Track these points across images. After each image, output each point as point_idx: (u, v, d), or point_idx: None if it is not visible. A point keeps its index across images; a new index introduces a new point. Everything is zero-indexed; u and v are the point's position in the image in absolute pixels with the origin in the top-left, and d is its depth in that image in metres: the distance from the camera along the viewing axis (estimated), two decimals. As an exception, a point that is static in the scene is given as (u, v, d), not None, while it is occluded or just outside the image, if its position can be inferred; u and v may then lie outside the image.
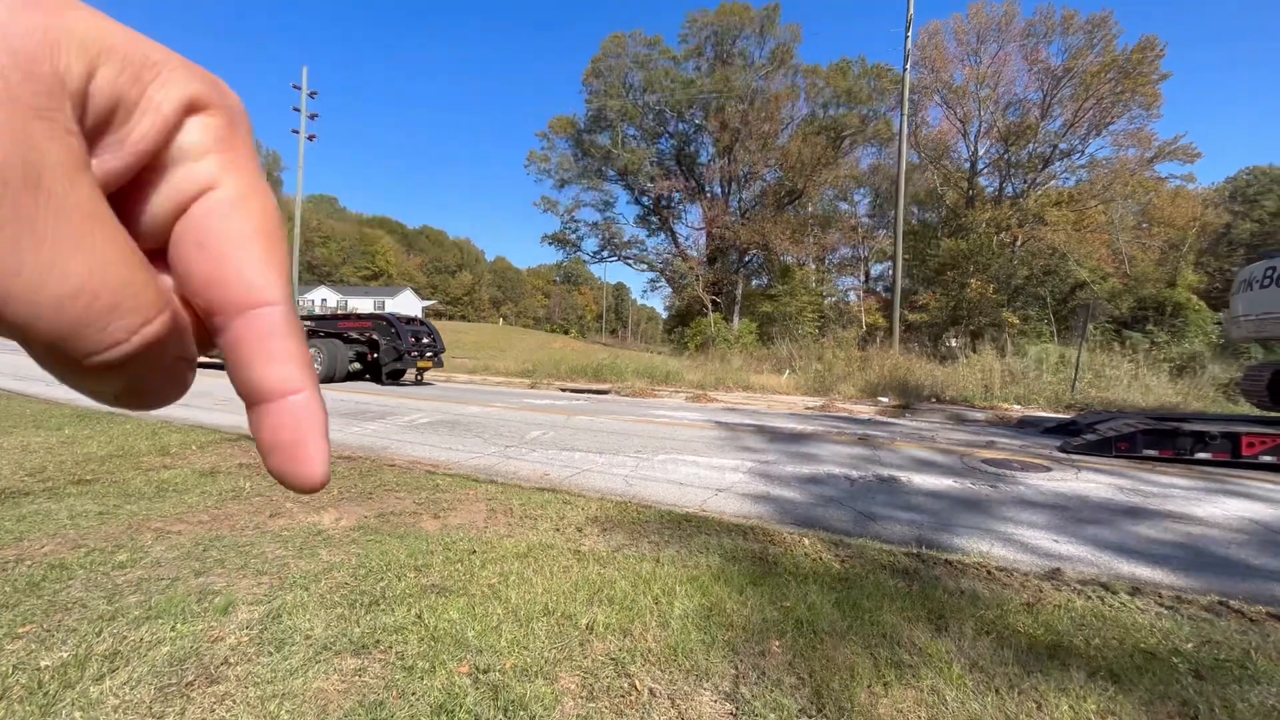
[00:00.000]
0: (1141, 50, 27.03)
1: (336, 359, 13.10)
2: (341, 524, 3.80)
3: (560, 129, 37.67)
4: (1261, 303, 7.09)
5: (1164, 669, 2.42)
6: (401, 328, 13.25)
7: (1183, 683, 2.33)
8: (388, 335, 13.16)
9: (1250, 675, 2.41)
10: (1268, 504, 5.23)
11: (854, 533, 4.15)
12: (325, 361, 12.97)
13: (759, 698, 2.18)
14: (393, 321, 13.24)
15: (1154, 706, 2.17)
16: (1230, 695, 2.25)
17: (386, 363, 13.10)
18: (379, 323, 13.43)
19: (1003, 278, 27.97)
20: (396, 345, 13.02)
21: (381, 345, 13.16)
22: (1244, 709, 2.17)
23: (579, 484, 5.21)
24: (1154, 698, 2.22)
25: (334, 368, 13.06)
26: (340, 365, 13.21)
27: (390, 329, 13.15)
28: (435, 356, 14.17)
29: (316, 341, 13.34)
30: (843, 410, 11.47)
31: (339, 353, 13.20)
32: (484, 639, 2.45)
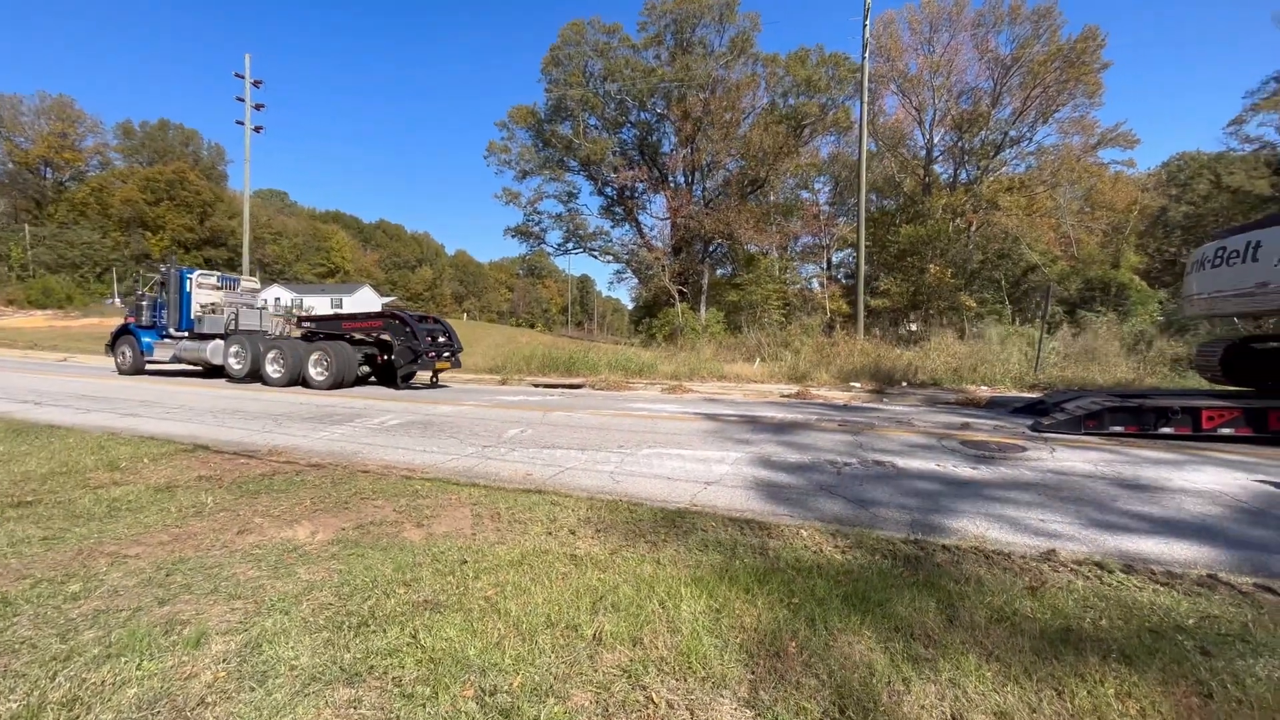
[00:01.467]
0: (1084, 40, 28.05)
1: (345, 363, 12.24)
2: (318, 538, 3.57)
3: (520, 119, 36.92)
4: (1213, 282, 7.41)
5: (1172, 648, 2.44)
6: (417, 326, 12.33)
7: (1192, 660, 2.35)
8: (401, 335, 12.24)
9: (1253, 649, 2.45)
10: (1233, 474, 5.45)
11: (849, 521, 4.13)
12: (334, 365, 12.13)
13: (780, 702, 2.10)
14: (407, 319, 12.29)
15: (1169, 687, 2.18)
16: (1239, 670, 2.28)
17: (402, 365, 12.20)
18: (391, 322, 12.48)
19: (959, 262, 28.79)
20: (412, 345, 12.09)
21: (395, 346, 12.25)
22: (1253, 683, 2.19)
23: (564, 483, 5.06)
24: (1168, 678, 2.23)
25: (343, 372, 12.21)
26: (349, 369, 12.33)
27: (404, 328, 12.21)
28: (453, 356, 13.27)
29: (323, 344, 12.50)
30: (818, 397, 11.58)
31: (347, 356, 12.33)
32: (486, 657, 2.30)
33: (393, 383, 13.25)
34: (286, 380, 12.37)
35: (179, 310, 14.75)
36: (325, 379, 12.05)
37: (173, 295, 14.76)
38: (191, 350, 14.31)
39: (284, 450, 6.25)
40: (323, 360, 12.22)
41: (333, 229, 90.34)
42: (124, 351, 15.34)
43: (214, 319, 14.43)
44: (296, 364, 12.34)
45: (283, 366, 12.52)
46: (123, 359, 15.34)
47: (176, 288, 14.78)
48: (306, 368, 12.26)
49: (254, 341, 13.22)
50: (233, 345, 13.46)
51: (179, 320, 14.78)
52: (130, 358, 15.18)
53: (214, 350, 13.88)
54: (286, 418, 8.54)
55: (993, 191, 29.65)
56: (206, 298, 15.09)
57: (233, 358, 13.42)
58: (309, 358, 12.29)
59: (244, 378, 13.15)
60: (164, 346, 14.91)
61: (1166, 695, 2.12)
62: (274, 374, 12.65)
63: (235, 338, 13.55)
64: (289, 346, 12.61)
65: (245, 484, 4.78)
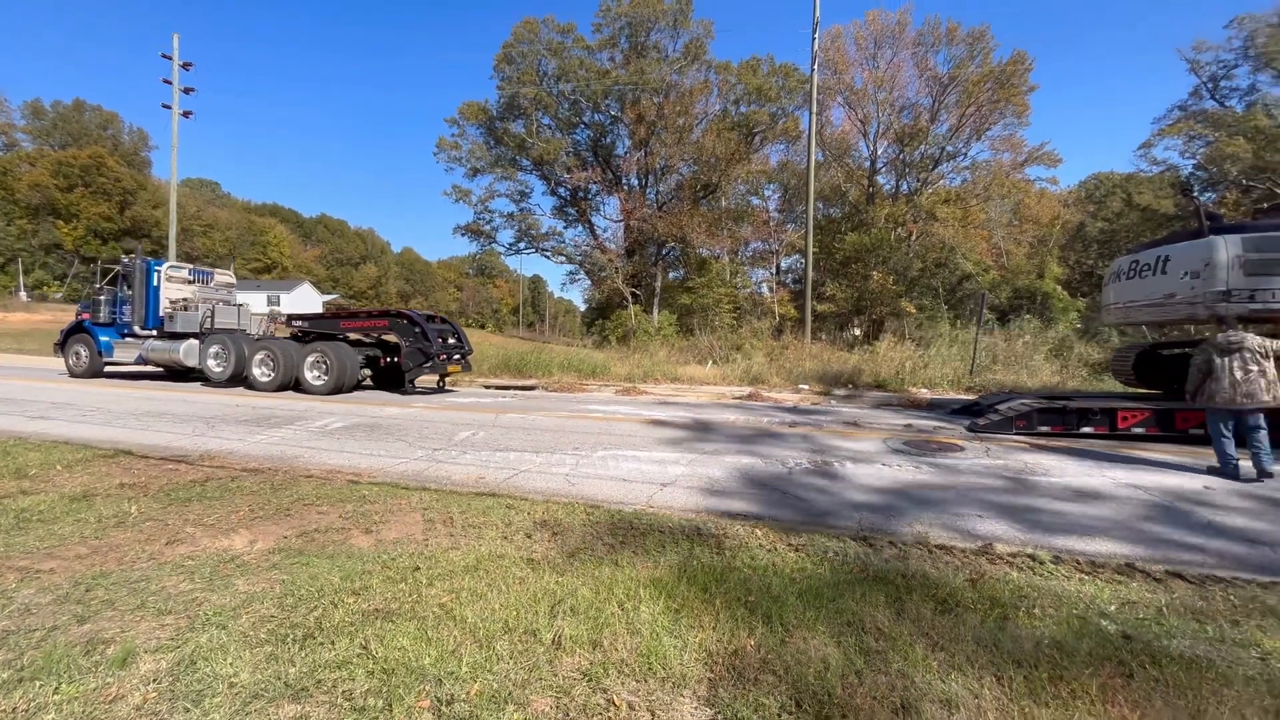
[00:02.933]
0: (1014, 63, 29.81)
1: (345, 365, 11.17)
2: (257, 547, 3.38)
3: (471, 115, 36.19)
4: (1128, 292, 8.01)
5: (1096, 632, 2.62)
6: (428, 326, 11.37)
7: (1115, 643, 2.53)
8: (410, 335, 11.26)
9: (1167, 631, 2.65)
10: (1145, 471, 5.89)
11: (802, 520, 4.24)
12: (334, 369, 11.08)
13: (739, 700, 2.13)
14: (416, 319, 11.32)
15: (1096, 669, 2.33)
16: (1155, 651, 2.46)
17: (411, 368, 11.23)
18: (398, 321, 11.47)
19: (901, 269, 30.02)
20: (423, 347, 11.11)
21: (404, 348, 11.24)
22: (1168, 663, 2.38)
23: (519, 486, 4.99)
24: (1094, 660, 2.39)
25: (343, 375, 11.16)
26: (350, 373, 11.31)
27: (414, 328, 11.24)
28: (463, 359, 12.36)
29: (321, 345, 11.41)
30: (770, 399, 11.83)
31: (348, 358, 11.27)
32: (442, 666, 2.24)
33: (393, 386, 12.45)
34: (277, 384, 11.37)
35: (145, 306, 13.18)
36: (324, 383, 11.10)
37: (138, 289, 13.16)
38: (161, 351, 12.80)
39: (218, 455, 5.90)
40: (321, 362, 11.21)
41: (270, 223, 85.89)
42: (77, 352, 13.53)
43: (187, 316, 13.03)
44: (289, 367, 11.36)
45: (273, 369, 11.46)
46: (75, 360, 13.53)
47: (142, 281, 13.17)
48: (302, 371, 11.28)
49: (238, 341, 12.05)
50: (212, 345, 12.16)
51: (145, 317, 13.22)
52: (85, 359, 13.39)
53: (188, 351, 12.50)
54: (220, 420, 8.07)
55: (931, 203, 31.09)
56: (177, 293, 13.62)
57: (213, 359, 12.14)
58: (305, 360, 11.29)
59: (225, 381, 12.01)
60: (126, 346, 13.32)
61: (1094, 676, 2.27)
62: (262, 377, 11.56)
63: (215, 337, 12.27)
64: (281, 347, 11.52)
65: (175, 491, 4.49)
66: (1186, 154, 31.18)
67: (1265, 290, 6.40)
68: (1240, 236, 6.63)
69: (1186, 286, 6.90)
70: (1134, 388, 9.22)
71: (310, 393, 11.15)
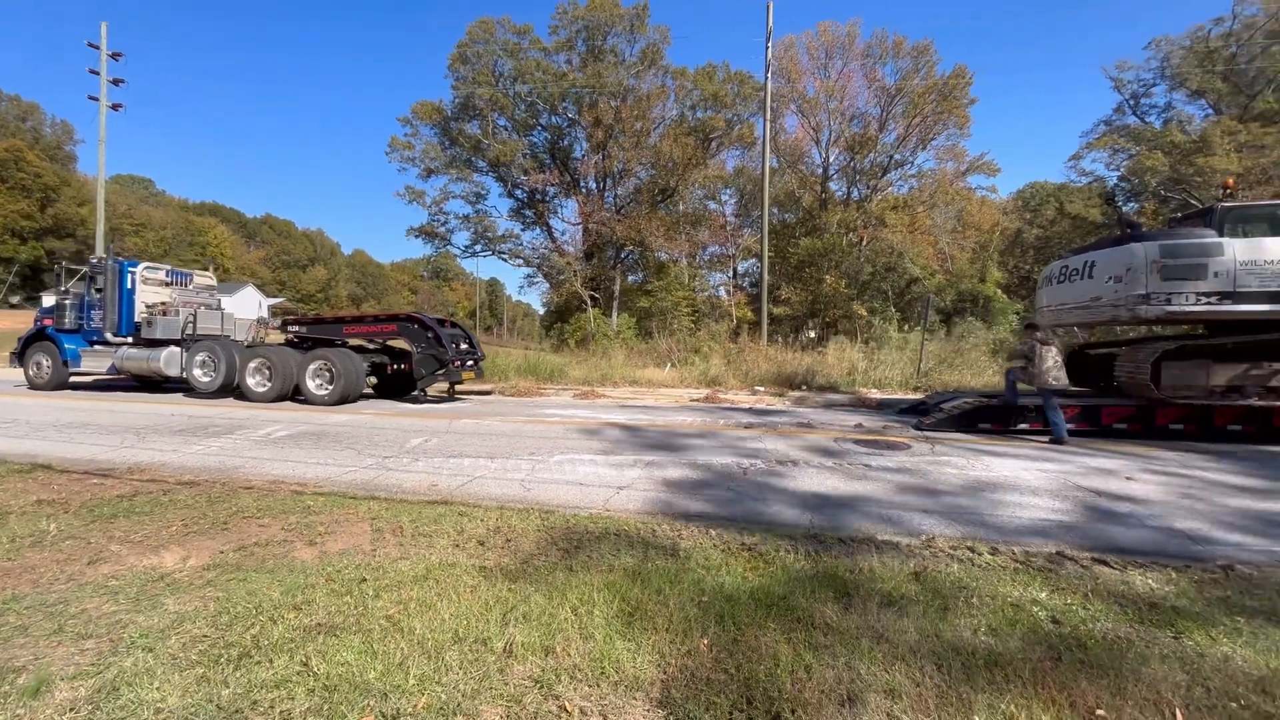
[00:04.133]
0: (955, 77, 31.19)
1: (352, 374, 10.56)
2: (191, 563, 3.21)
3: (425, 115, 35.40)
4: (1058, 295, 8.49)
5: (1029, 619, 2.75)
6: (442, 331, 10.75)
7: (1045, 629, 2.66)
8: (422, 341, 10.65)
9: (1092, 615, 2.81)
10: (1077, 463, 6.23)
11: (756, 519, 4.30)
12: (340, 377, 10.44)
13: (692, 700, 2.14)
14: (429, 323, 10.74)
15: (1028, 653, 2.45)
16: (1081, 634, 2.61)
17: (424, 375, 10.63)
18: (409, 326, 10.87)
19: (852, 273, 30.92)
20: (437, 354, 10.50)
21: (416, 354, 10.68)
22: (1092, 644, 2.52)
23: (473, 493, 4.89)
24: (1027, 646, 2.51)
25: (350, 384, 10.53)
26: (356, 381, 10.69)
27: (426, 333, 10.64)
28: (476, 365, 11.69)
29: (325, 352, 10.78)
30: (727, 400, 11.98)
31: (354, 366, 10.67)
32: (388, 679, 2.17)
33: (396, 395, 11.89)
34: (274, 395, 10.68)
35: (118, 311, 12.09)
36: (329, 393, 10.47)
37: (109, 292, 12.05)
38: (137, 359, 11.83)
39: (149, 467, 5.57)
40: (325, 370, 10.60)
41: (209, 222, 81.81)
42: (39, 361, 12.41)
43: (167, 321, 11.96)
44: (287, 376, 10.69)
45: (270, 378, 10.77)
46: (36, 371, 12.42)
47: (115, 283, 12.06)
48: (303, 379, 10.64)
49: (227, 349, 11.23)
50: (199, 353, 11.35)
51: (118, 323, 12.12)
52: (48, 369, 12.27)
53: (169, 359, 11.59)
54: (151, 431, 7.63)
55: (880, 209, 32.19)
56: (153, 296, 12.53)
57: (199, 368, 11.32)
58: (306, 368, 10.64)
59: (214, 391, 11.21)
60: (95, 355, 12.21)
61: (1025, 660, 2.38)
62: (257, 387, 10.83)
63: (203, 344, 11.44)
64: (278, 355, 10.83)
65: (99, 507, 4.22)
66: (1111, 166, 33.29)
67: (1179, 294, 6.89)
68: (1157, 243, 7.12)
69: (1111, 290, 7.36)
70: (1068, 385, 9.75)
71: (313, 403, 10.54)
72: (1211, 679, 2.28)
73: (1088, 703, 2.12)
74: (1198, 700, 2.15)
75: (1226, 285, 6.77)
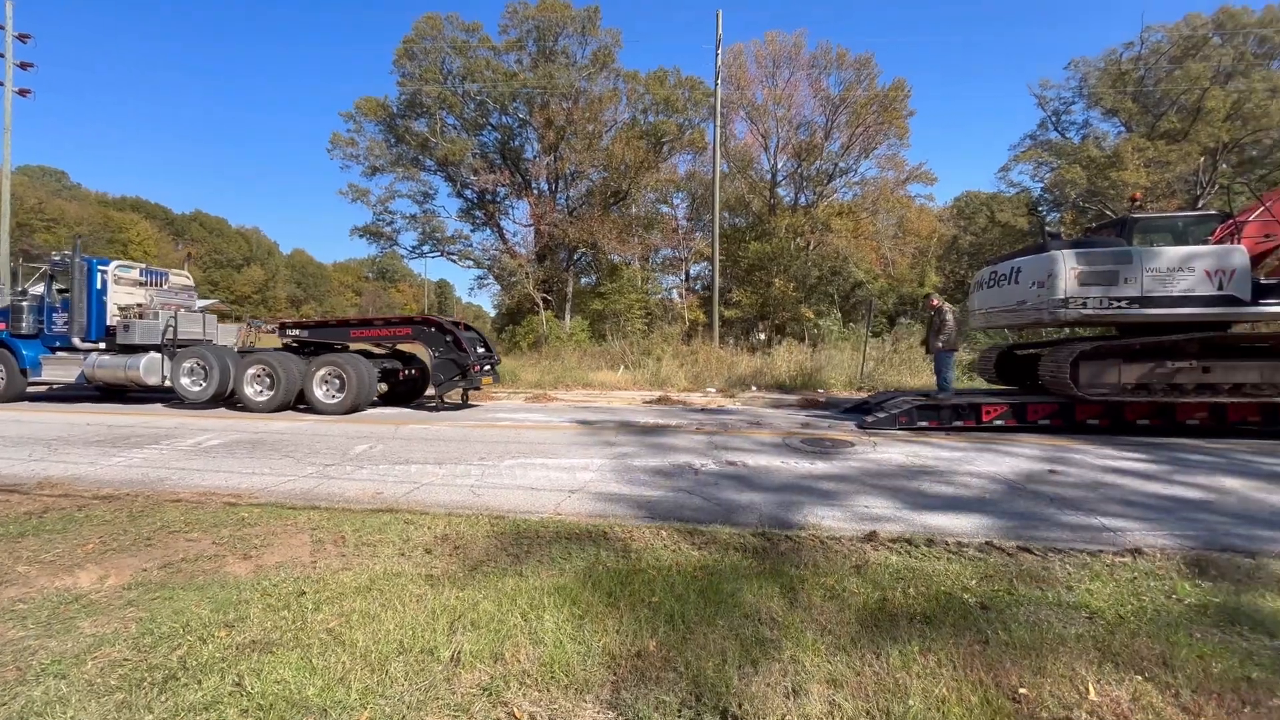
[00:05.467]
0: (895, 89, 32.60)
1: (365, 381, 9.94)
2: (110, 583, 3.01)
3: (369, 111, 34.21)
4: (988, 299, 8.99)
5: (959, 605, 2.90)
6: (461, 334, 10.19)
7: (974, 615, 2.82)
8: (439, 345, 10.10)
9: (1016, 600, 2.99)
10: (1005, 459, 6.60)
11: (707, 518, 4.37)
12: (352, 384, 9.83)
13: (641, 700, 2.16)
14: (446, 326, 10.19)
15: (959, 637, 2.59)
16: (1006, 618, 2.77)
17: (442, 381, 10.12)
18: (424, 329, 10.29)
19: (800, 277, 31.80)
20: (456, 358, 9.99)
21: (433, 359, 10.17)
22: (1016, 627, 2.68)
23: (420, 500, 4.78)
24: (957, 631, 2.65)
25: (363, 392, 9.94)
26: (369, 388, 10.08)
27: (443, 337, 10.10)
28: (493, 370, 11.19)
29: (334, 358, 10.18)
30: (679, 401, 12.10)
31: (366, 372, 10.07)
32: (329, 695, 2.10)
33: (402, 402, 11.29)
34: (276, 404, 9.98)
35: (87, 314, 11.04)
36: (338, 401, 9.85)
37: (77, 293, 10.96)
38: (111, 367, 10.76)
39: (60, 482, 5.18)
40: (336, 377, 9.97)
41: (132, 218, 76.53)
42: None
43: (146, 325, 10.99)
44: (291, 383, 10.02)
45: (271, 386, 10.05)
46: None
47: (83, 284, 10.99)
48: (310, 387, 9.99)
49: (221, 355, 10.43)
50: (187, 360, 10.46)
51: (87, 327, 11.05)
52: (3, 379, 11.07)
53: (149, 366, 10.61)
54: (63, 442, 7.10)
55: (826, 215, 33.22)
56: (126, 297, 11.51)
57: (188, 376, 10.43)
58: (314, 375, 10.00)
59: (205, 402, 10.37)
60: (59, 363, 11.16)
61: (956, 645, 2.52)
62: (257, 396, 10.09)
63: (192, 350, 10.59)
64: (280, 361, 10.11)
65: (3, 526, 3.89)
66: (1036, 177, 35.45)
67: (1094, 298, 7.43)
68: (1074, 251, 7.65)
69: (1034, 294, 7.85)
70: (996, 384, 10.35)
71: (321, 412, 9.89)
72: (1120, 655, 2.46)
73: (1011, 682, 2.26)
74: (1108, 676, 2.33)
75: (1135, 290, 7.35)
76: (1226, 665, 2.39)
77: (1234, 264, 7.23)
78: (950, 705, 2.13)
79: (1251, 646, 2.55)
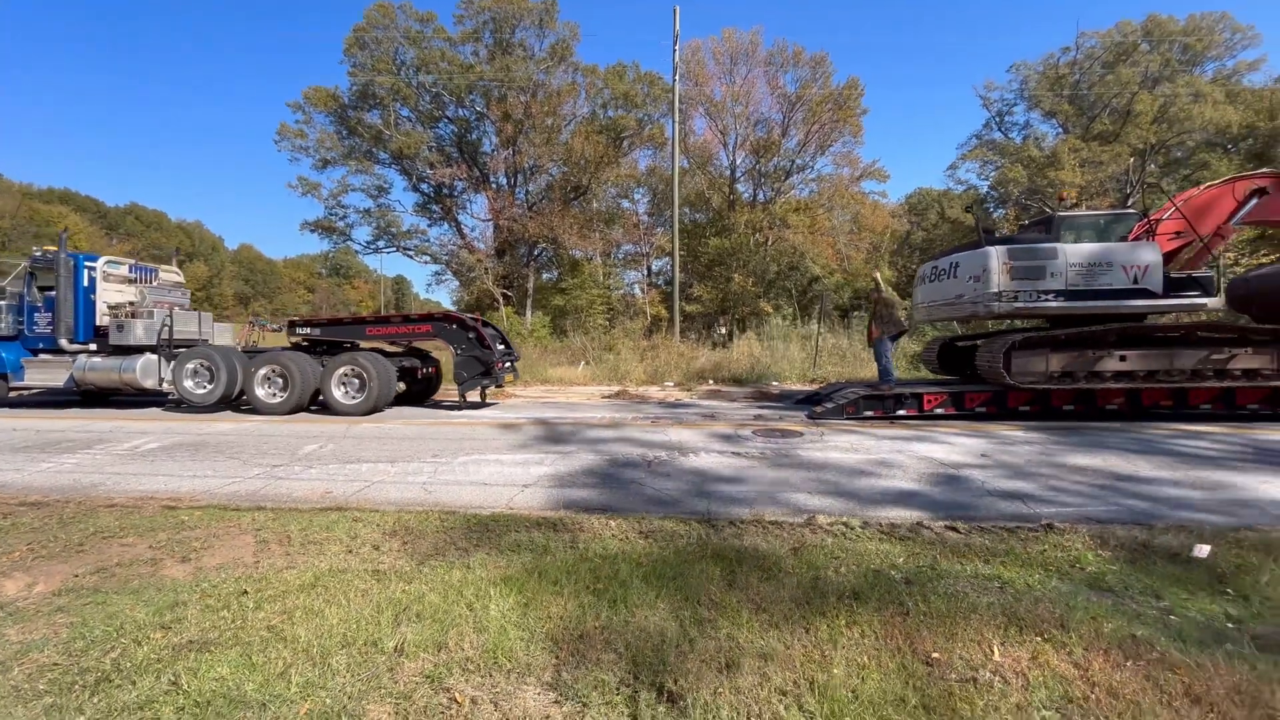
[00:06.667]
0: (849, 88, 33.41)
1: (385, 380, 9.63)
2: (38, 589, 2.93)
3: (319, 102, 33.08)
4: (930, 293, 9.40)
5: (886, 581, 3.10)
6: (484, 331, 9.99)
7: (898, 589, 3.01)
8: (462, 343, 9.86)
9: (938, 574, 3.20)
10: (942, 447, 6.95)
11: (657, 508, 4.49)
12: (374, 385, 9.50)
13: (581, 680, 2.26)
14: (468, 323, 9.98)
15: (883, 610, 2.77)
16: (928, 591, 2.97)
17: (466, 379, 9.79)
18: (445, 326, 10.02)
19: (759, 272, 32.35)
20: (480, 355, 9.75)
21: (456, 357, 9.86)
22: (936, 599, 2.88)
23: (370, 498, 4.75)
24: (881, 605, 2.83)
25: (383, 392, 9.62)
26: (388, 388, 9.76)
27: (466, 334, 9.86)
28: (513, 367, 10.98)
29: (355, 357, 9.81)
30: (637, 395, 12.22)
31: (387, 372, 9.76)
32: (268, 689, 2.12)
33: (415, 402, 10.97)
34: (291, 406, 9.61)
35: (74, 313, 10.39)
36: (358, 402, 9.56)
37: (63, 292, 10.28)
38: (104, 370, 10.14)
39: (-16, 489, 4.94)
40: (356, 377, 9.65)
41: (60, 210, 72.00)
42: None
43: (142, 325, 10.40)
44: (306, 383, 9.64)
45: (285, 388, 9.67)
46: None
47: (69, 281, 10.32)
48: (329, 387, 9.65)
49: (227, 355, 9.97)
50: (190, 361, 9.96)
51: (74, 327, 10.40)
52: None
53: (146, 368, 10.07)
54: (-12, 449, 6.73)
55: (784, 211, 33.85)
56: (117, 295, 10.86)
57: (191, 379, 9.93)
58: (333, 374, 9.66)
59: (212, 405, 9.90)
60: (44, 366, 10.46)
61: (879, 617, 2.69)
62: (270, 398, 9.71)
63: (196, 350, 10.11)
64: (294, 362, 9.71)
65: (-80, 536, 3.71)
66: (981, 176, 36.96)
67: (1025, 291, 7.87)
68: (1007, 247, 8.08)
69: (971, 288, 8.26)
70: (939, 375, 10.83)
71: (340, 413, 9.52)
72: (1025, 619, 2.68)
73: (925, 648, 2.45)
74: (1012, 639, 2.54)
75: (1060, 284, 7.82)
76: (1116, 625, 2.64)
77: (1147, 260, 7.78)
78: (869, 672, 2.29)
79: (1139, 609, 2.82)
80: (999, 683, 2.24)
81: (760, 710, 2.09)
